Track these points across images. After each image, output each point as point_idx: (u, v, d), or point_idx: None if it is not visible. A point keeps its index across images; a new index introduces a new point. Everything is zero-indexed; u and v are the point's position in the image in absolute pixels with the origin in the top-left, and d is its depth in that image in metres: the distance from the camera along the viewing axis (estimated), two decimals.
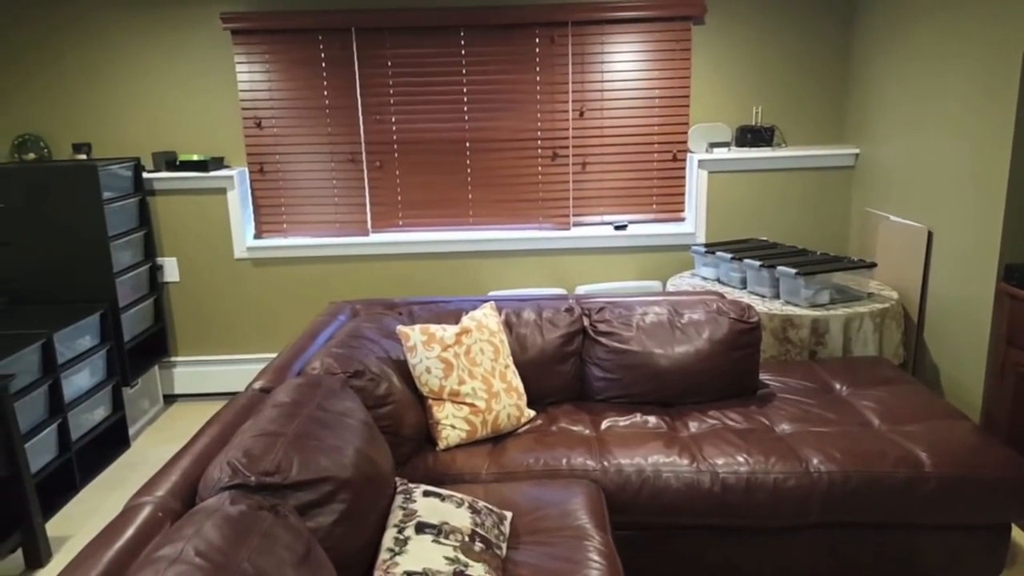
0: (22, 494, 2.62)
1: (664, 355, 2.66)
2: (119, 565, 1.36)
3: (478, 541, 1.77)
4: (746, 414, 2.56)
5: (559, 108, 3.89)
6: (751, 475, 2.22)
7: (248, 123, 3.89)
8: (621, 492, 2.23)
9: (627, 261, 4.04)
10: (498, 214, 4.02)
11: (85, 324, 3.31)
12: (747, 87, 3.89)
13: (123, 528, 1.46)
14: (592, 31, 3.80)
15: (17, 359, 2.82)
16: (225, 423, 1.91)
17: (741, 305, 2.75)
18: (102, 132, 3.89)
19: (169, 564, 1.25)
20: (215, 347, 4.12)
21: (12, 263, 3.45)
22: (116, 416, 3.54)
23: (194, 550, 1.29)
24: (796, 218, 4.00)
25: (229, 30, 3.77)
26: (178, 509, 1.57)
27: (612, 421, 2.54)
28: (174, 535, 1.34)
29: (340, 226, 4.02)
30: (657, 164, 3.97)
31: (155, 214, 3.95)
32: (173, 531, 1.37)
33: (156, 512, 1.52)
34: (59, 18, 3.75)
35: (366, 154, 3.95)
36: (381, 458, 1.91)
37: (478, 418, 2.41)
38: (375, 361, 2.31)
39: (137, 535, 1.44)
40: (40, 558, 2.68)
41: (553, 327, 2.75)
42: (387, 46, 3.81)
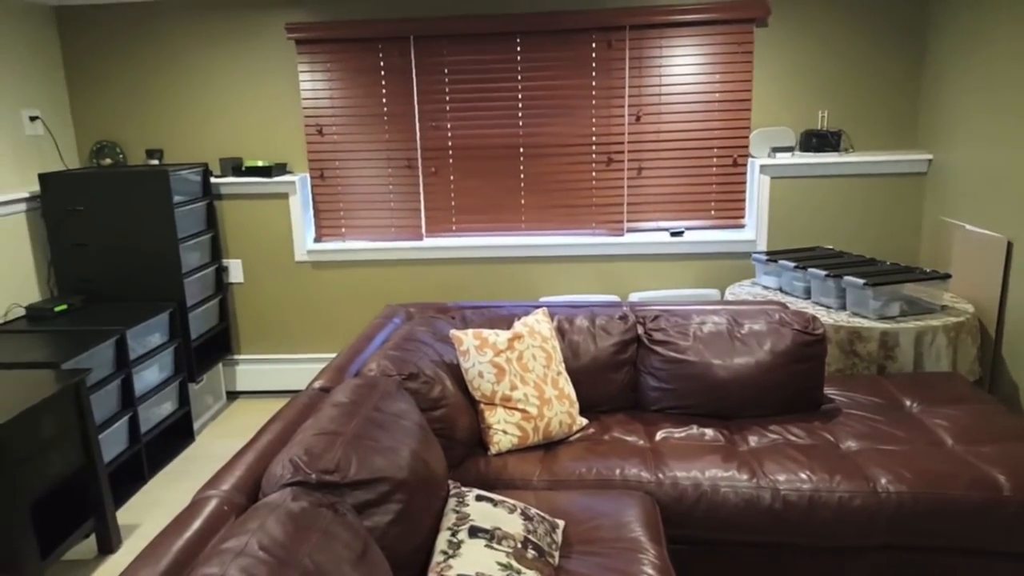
0: (96, 483, 2.74)
1: (723, 366, 2.60)
2: (187, 555, 1.40)
3: (531, 548, 1.77)
4: (809, 429, 2.48)
5: (615, 113, 3.87)
6: (814, 493, 2.15)
7: (310, 130, 3.99)
8: (676, 505, 2.19)
9: (683, 268, 3.98)
10: (551, 219, 4.02)
11: (155, 322, 3.44)
12: (812, 90, 3.80)
13: (191, 520, 1.51)
14: (651, 35, 3.77)
15: (93, 354, 2.96)
16: (287, 421, 1.96)
17: (805, 316, 2.67)
18: (173, 139, 4.05)
19: (234, 557, 1.28)
20: (275, 346, 4.24)
21: (89, 263, 3.62)
22: (182, 411, 3.68)
23: (258, 544, 1.32)
24: (864, 226, 3.88)
25: (294, 40, 3.88)
26: (242, 503, 1.61)
27: (667, 432, 2.50)
28: (239, 529, 1.38)
29: (396, 230, 4.09)
30: (716, 169, 3.91)
31: (221, 218, 4.08)
32: (238, 525, 1.41)
33: (222, 505, 1.57)
34: (135, 32, 3.92)
35: (422, 160, 4.00)
36: (435, 460, 1.93)
37: (530, 424, 2.41)
38: (429, 364, 2.34)
39: (204, 527, 1.49)
40: (111, 544, 2.80)
41: (606, 334, 2.73)
42: (444, 53, 3.86)
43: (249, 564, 1.27)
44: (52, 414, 2.52)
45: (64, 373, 2.66)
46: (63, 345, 2.95)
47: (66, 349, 2.90)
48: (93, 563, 2.74)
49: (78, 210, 3.55)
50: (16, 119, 3.63)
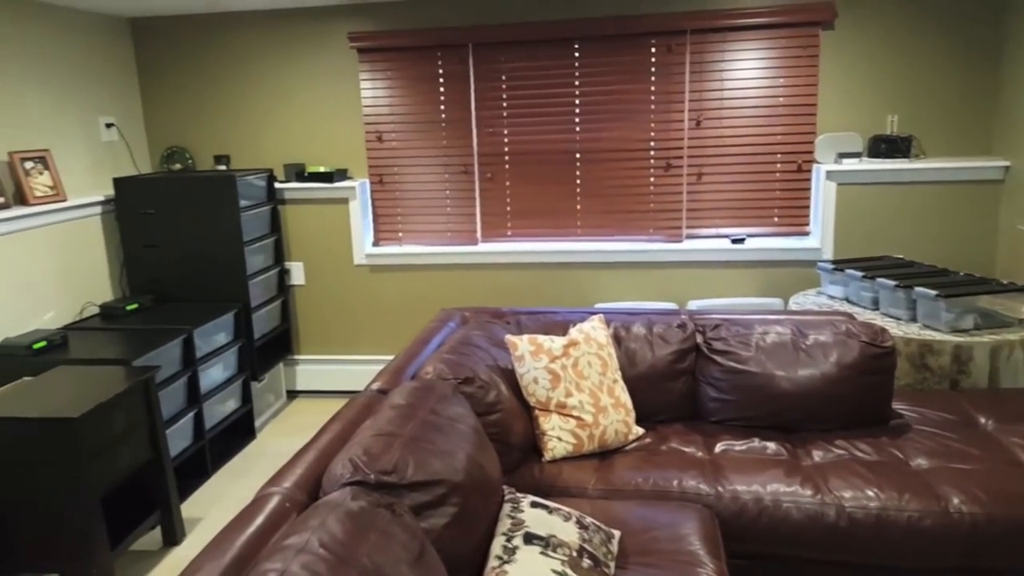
0: (162, 476, 2.83)
1: (786, 378, 2.53)
2: (250, 550, 1.43)
3: (586, 557, 1.75)
4: (877, 445, 2.39)
5: (674, 118, 3.81)
6: (882, 511, 2.07)
7: (370, 137, 4.06)
8: (736, 520, 2.14)
9: (745, 276, 3.90)
10: (607, 225, 3.99)
11: (221, 322, 3.55)
12: (881, 94, 3.67)
13: (254, 515, 1.54)
14: (712, 39, 3.71)
15: (162, 352, 3.06)
16: (346, 421, 1.99)
17: (874, 328, 2.58)
18: (240, 145, 4.17)
19: (296, 553, 1.31)
20: (334, 347, 4.32)
21: (159, 264, 3.75)
22: (244, 408, 3.78)
23: (319, 541, 1.34)
24: (935, 235, 3.73)
25: (356, 48, 3.95)
26: (303, 500, 1.64)
27: (727, 444, 2.45)
28: (300, 526, 1.41)
29: (451, 235, 4.12)
30: (780, 175, 3.81)
31: (284, 222, 4.19)
32: (299, 522, 1.43)
33: (284, 502, 1.60)
34: (205, 42, 4.06)
35: (478, 165, 4.02)
36: (490, 465, 1.92)
37: (585, 432, 2.39)
38: (484, 369, 2.34)
39: (266, 523, 1.52)
40: (175, 537, 2.88)
41: (664, 343, 2.69)
42: (502, 60, 3.88)
43: (310, 561, 1.29)
44: (123, 409, 2.61)
45: (135, 370, 2.75)
46: (134, 343, 3.06)
47: (137, 347, 3.01)
48: (158, 554, 2.83)
49: (149, 213, 3.69)
50: (94, 125, 3.80)
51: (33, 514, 2.42)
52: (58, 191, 3.43)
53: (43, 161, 3.38)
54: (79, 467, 2.37)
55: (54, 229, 3.44)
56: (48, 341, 3.02)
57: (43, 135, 3.47)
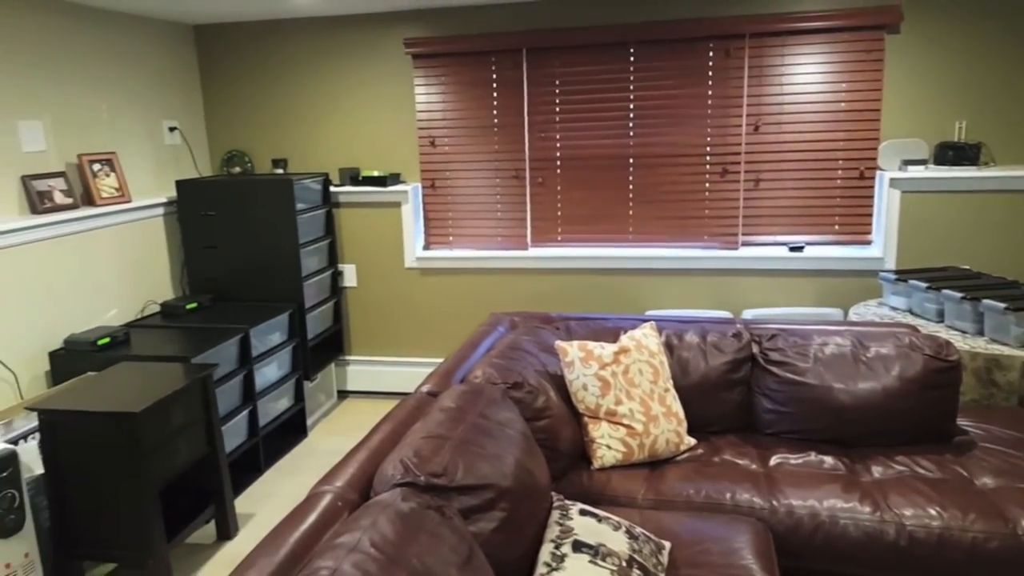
0: (218, 472, 2.89)
1: (845, 391, 2.45)
2: (303, 547, 1.45)
3: (636, 568, 1.72)
4: (940, 462, 2.30)
5: (732, 123, 3.75)
6: (944, 531, 2.00)
7: (423, 141, 4.09)
8: (791, 535, 2.08)
9: (803, 285, 3.80)
10: (660, 231, 3.94)
11: (276, 322, 3.62)
12: (949, 100, 3.54)
13: (307, 513, 1.56)
14: (772, 43, 3.63)
15: (220, 351, 3.14)
16: (397, 422, 2.01)
17: (938, 341, 2.49)
18: (297, 149, 4.26)
19: (348, 552, 1.32)
20: (384, 349, 4.36)
21: (218, 265, 3.85)
22: (297, 407, 3.84)
23: (370, 541, 1.35)
24: (1005, 246, 3.57)
25: (411, 55, 4.00)
26: (355, 499, 1.66)
27: (782, 457, 2.38)
28: (352, 525, 1.42)
29: (501, 239, 4.12)
30: (841, 182, 3.71)
31: (338, 224, 4.26)
32: (351, 521, 1.45)
33: (335, 501, 1.62)
34: (264, 48, 4.17)
35: (529, 170, 4.02)
36: (539, 471, 1.91)
37: (635, 440, 2.35)
38: (533, 374, 2.33)
39: (318, 521, 1.54)
40: (229, 531, 2.94)
41: (719, 352, 2.63)
42: (556, 65, 3.87)
43: (361, 560, 1.30)
44: (181, 405, 2.68)
45: (193, 367, 2.82)
46: (193, 341, 3.15)
47: (195, 345, 3.09)
48: (212, 548, 2.89)
49: (209, 215, 3.80)
50: (158, 129, 3.93)
51: (94, 504, 2.50)
52: (123, 192, 3.56)
53: (110, 163, 3.51)
54: (139, 460, 2.44)
55: (119, 229, 3.56)
56: (112, 338, 3.12)
57: (110, 138, 3.60)
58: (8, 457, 2.30)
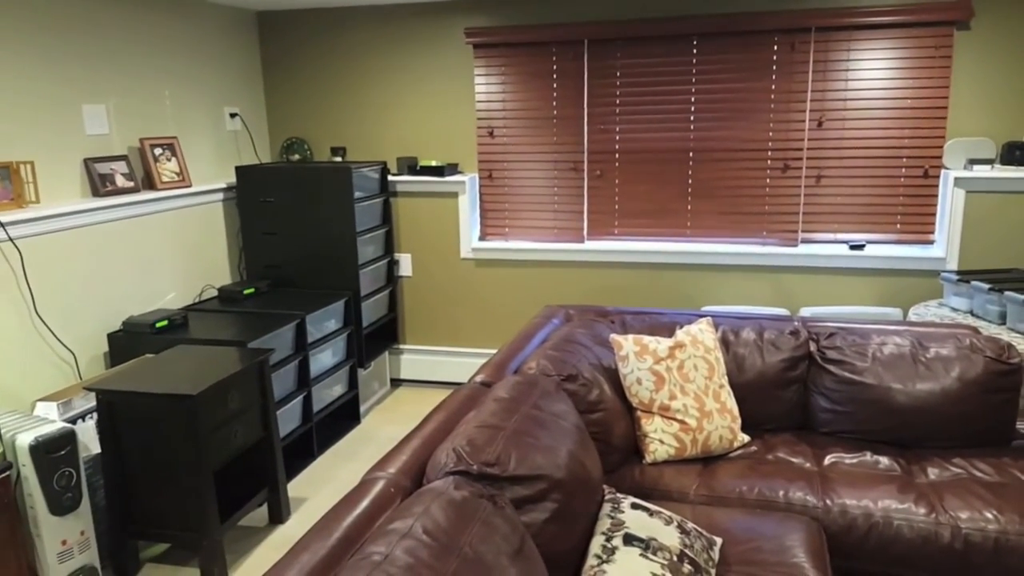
0: (272, 456, 2.93)
1: (903, 391, 2.40)
2: (356, 531, 1.47)
3: (687, 563, 1.72)
4: (998, 466, 2.25)
5: (795, 118, 3.67)
6: (1001, 535, 1.96)
7: (482, 132, 4.12)
8: (845, 535, 2.06)
9: (862, 284, 3.70)
10: (718, 226, 3.89)
11: (332, 309, 3.69)
12: (1018, 99, 3.40)
13: (360, 498, 1.59)
14: (838, 37, 3.54)
15: (276, 336, 3.21)
16: (450, 411, 2.03)
17: (1000, 343, 2.42)
18: (356, 137, 4.33)
19: (400, 538, 1.34)
20: (438, 338, 4.41)
21: (276, 251, 3.94)
22: (351, 394, 3.91)
23: (422, 528, 1.37)
24: None
25: (471, 44, 4.02)
26: (407, 486, 1.68)
27: (837, 457, 2.35)
28: (405, 511, 1.44)
29: (557, 232, 4.12)
30: (905, 180, 3.60)
31: (395, 213, 4.31)
32: (404, 507, 1.47)
33: (388, 487, 1.64)
34: (326, 36, 4.24)
35: (587, 163, 4.01)
36: (591, 463, 1.92)
37: (688, 436, 2.34)
38: (588, 367, 2.34)
39: (371, 506, 1.56)
40: (281, 515, 2.99)
41: (775, 349, 2.60)
42: (617, 57, 3.84)
43: (413, 546, 1.32)
44: (238, 389, 2.72)
45: (250, 352, 2.86)
46: (250, 326, 3.22)
47: (252, 329, 3.15)
48: (265, 531, 2.94)
49: (268, 201, 3.88)
50: (219, 115, 4.02)
51: (150, 485, 2.54)
52: (184, 177, 3.63)
53: (171, 148, 3.59)
54: (196, 442, 2.46)
55: (178, 214, 3.63)
56: (170, 321, 3.18)
57: (172, 123, 3.67)
58: (66, 436, 2.35)
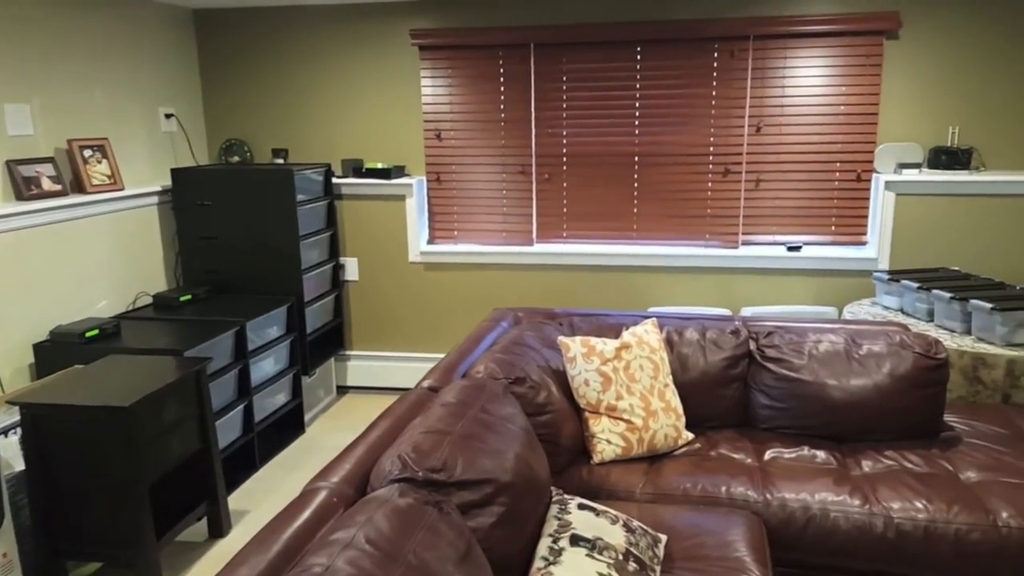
0: (210, 468, 2.83)
1: (838, 387, 2.48)
2: (297, 543, 1.44)
3: (632, 561, 1.74)
4: (927, 457, 2.35)
5: (734, 123, 3.76)
6: (930, 523, 2.04)
7: (429, 134, 4.09)
8: (784, 528, 2.11)
9: (799, 284, 3.82)
10: (664, 229, 3.96)
11: (274, 315, 3.61)
12: (943, 106, 3.57)
13: (301, 509, 1.55)
14: (775, 45, 3.65)
15: (214, 344, 3.11)
16: (396, 417, 2.01)
17: (928, 339, 2.53)
18: (298, 139, 4.25)
19: (342, 548, 1.31)
20: (385, 344, 4.36)
21: (215, 256, 3.82)
22: (294, 403, 3.82)
23: (365, 537, 1.35)
24: (993, 248, 3.60)
25: (417, 46, 3.99)
26: (351, 495, 1.65)
27: (777, 452, 2.41)
28: (347, 521, 1.41)
29: (507, 235, 4.13)
30: (838, 184, 3.73)
31: (340, 217, 4.25)
32: (347, 517, 1.44)
33: (331, 497, 1.61)
34: (267, 35, 4.15)
35: (536, 166, 4.03)
36: (539, 466, 1.92)
37: (634, 435, 2.37)
38: (536, 369, 2.35)
39: (313, 517, 1.53)
40: (222, 529, 2.89)
41: (717, 348, 2.66)
42: (563, 61, 3.87)
43: (356, 556, 1.29)
44: (174, 399, 2.62)
45: (187, 360, 2.76)
46: (186, 334, 3.11)
47: (189, 338, 3.04)
48: (204, 546, 2.84)
49: (206, 205, 3.77)
50: (153, 116, 3.88)
51: (80, 502, 2.42)
52: (115, 180, 3.49)
53: (101, 150, 3.45)
54: (129, 456, 2.36)
55: (110, 218, 3.49)
56: (100, 330, 3.04)
57: (102, 124, 3.52)
58: None
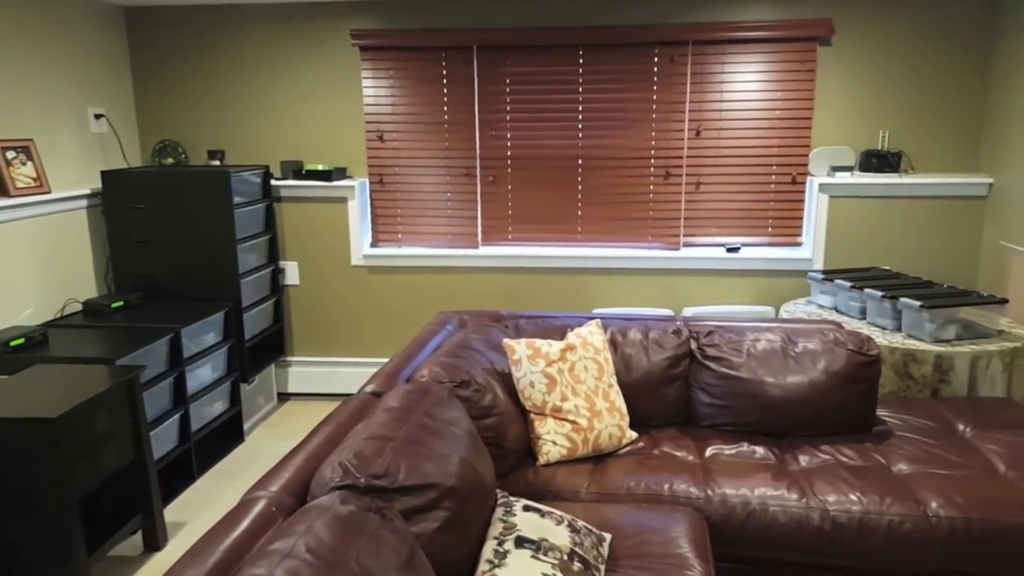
0: (145, 480, 2.75)
1: (776, 384, 2.55)
2: (234, 555, 1.40)
3: (576, 561, 1.74)
4: (861, 451, 2.43)
5: (675, 127, 3.83)
6: (864, 515, 2.11)
7: (371, 136, 4.04)
8: (725, 523, 2.15)
9: (738, 284, 3.91)
10: (607, 231, 4.00)
11: (211, 321, 3.51)
12: (874, 110, 3.71)
13: (238, 520, 1.51)
14: (713, 51, 3.73)
15: (148, 351, 3.01)
16: (338, 423, 1.97)
17: (860, 336, 2.62)
18: (235, 140, 4.14)
19: (281, 558, 1.28)
20: (328, 349, 4.29)
21: (148, 261, 3.70)
22: (233, 410, 3.73)
23: (305, 546, 1.32)
24: (922, 248, 3.77)
25: (358, 46, 3.94)
26: (291, 505, 1.61)
27: (718, 449, 2.46)
28: (287, 530, 1.38)
29: (452, 238, 4.11)
30: (775, 187, 3.84)
31: (280, 220, 4.16)
32: (286, 526, 1.41)
33: (270, 507, 1.57)
34: (202, 34, 4.04)
35: (480, 168, 4.02)
36: (484, 469, 1.91)
37: (579, 436, 2.39)
38: (481, 372, 2.34)
39: (251, 527, 1.49)
40: (157, 542, 2.80)
41: (660, 348, 2.70)
42: (507, 64, 3.88)
43: (296, 566, 1.26)
44: (105, 409, 2.53)
45: (118, 369, 2.68)
46: (118, 341, 3.01)
47: (121, 345, 2.95)
48: (138, 560, 2.76)
49: (139, 208, 3.65)
50: (82, 116, 3.73)
51: (8, 517, 2.33)
52: (41, 183, 3.36)
53: (26, 151, 3.31)
54: (57, 469, 2.28)
55: (36, 222, 3.36)
56: (26, 338, 2.92)
57: (27, 124, 3.38)
58: None
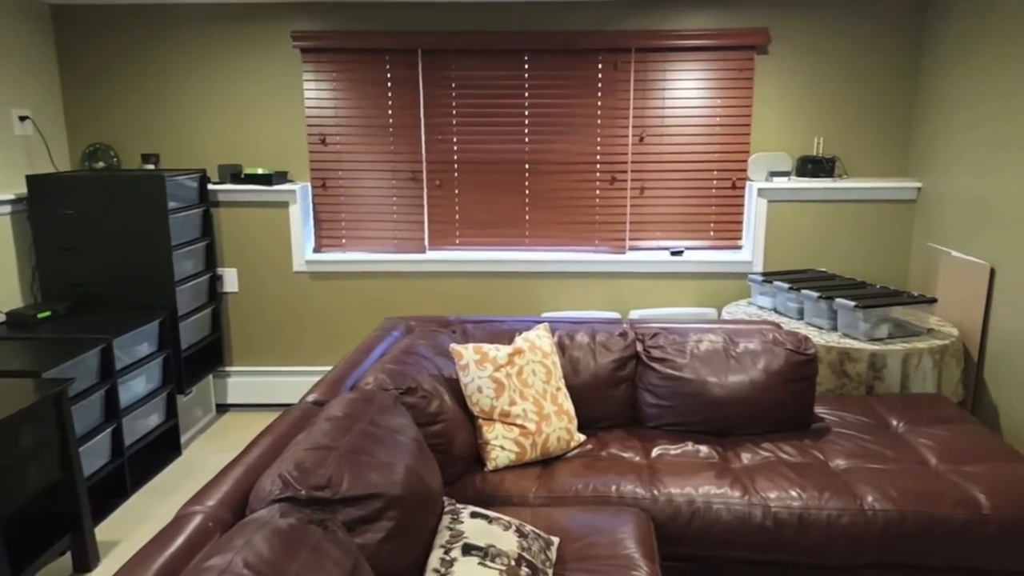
0: (74, 498, 2.64)
1: (718, 384, 2.59)
2: (169, 573, 1.36)
3: (524, 566, 1.73)
4: (800, 448, 2.49)
5: (619, 133, 3.87)
6: (804, 510, 2.16)
7: (313, 139, 3.96)
8: (671, 523, 2.18)
9: (682, 287, 3.98)
10: (555, 235, 4.02)
11: (144, 331, 3.38)
12: (809, 117, 3.83)
13: (173, 536, 1.47)
14: (655, 58, 3.79)
15: (77, 363, 2.88)
16: (278, 435, 1.92)
17: (798, 336, 2.68)
18: (171, 144, 4.01)
19: (218, 575, 1.24)
20: (270, 358, 4.18)
21: (78, 269, 3.54)
22: (169, 423, 3.60)
23: (243, 562, 1.28)
24: (856, 250, 3.90)
25: (299, 48, 3.86)
26: (228, 519, 1.57)
27: (663, 449, 2.49)
28: (224, 546, 1.34)
29: (398, 243, 4.06)
30: (716, 191, 3.92)
31: (218, 225, 4.04)
32: (223, 542, 1.36)
33: (206, 522, 1.53)
34: (135, 34, 3.90)
35: (427, 173, 3.98)
36: (431, 476, 1.89)
37: (528, 440, 2.38)
38: (428, 378, 2.31)
39: (187, 544, 1.45)
40: (88, 562, 2.70)
41: (606, 351, 2.71)
42: (452, 68, 3.86)
43: None
44: (31, 425, 2.43)
45: (45, 382, 2.57)
46: (45, 353, 2.87)
47: (48, 357, 2.82)
48: None
49: (68, 214, 3.49)
50: (5, 118, 3.56)
51: None
52: None
53: None
54: None
55: None
56: None
57: None
58: None
